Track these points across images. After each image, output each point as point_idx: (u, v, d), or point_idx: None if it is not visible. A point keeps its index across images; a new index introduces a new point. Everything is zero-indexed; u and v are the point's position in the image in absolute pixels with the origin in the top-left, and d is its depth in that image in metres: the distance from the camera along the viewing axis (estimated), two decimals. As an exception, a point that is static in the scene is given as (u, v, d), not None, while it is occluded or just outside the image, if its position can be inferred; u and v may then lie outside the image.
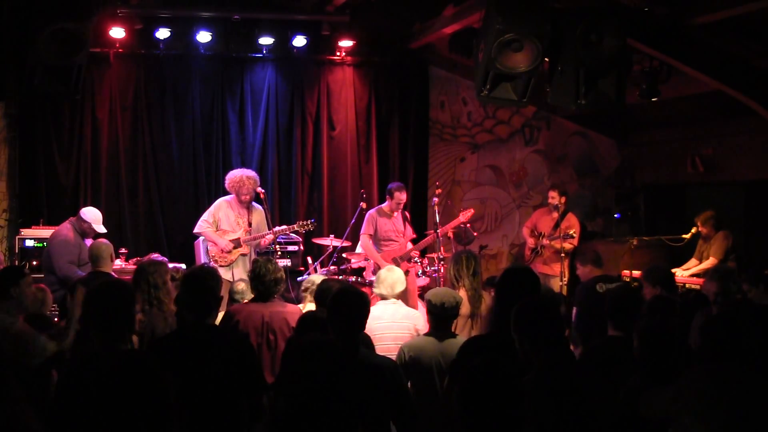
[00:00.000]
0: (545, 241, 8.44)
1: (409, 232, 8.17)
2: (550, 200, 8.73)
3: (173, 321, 4.67)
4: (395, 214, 8.05)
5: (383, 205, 8.11)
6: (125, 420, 2.48)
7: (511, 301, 3.46)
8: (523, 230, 9.08)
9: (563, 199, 8.62)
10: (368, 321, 4.95)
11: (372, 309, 5.23)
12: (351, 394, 2.84)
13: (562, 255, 8.25)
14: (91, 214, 7.11)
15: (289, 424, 2.77)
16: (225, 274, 7.24)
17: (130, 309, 3.44)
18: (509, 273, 3.95)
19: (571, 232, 8.17)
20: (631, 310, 4.17)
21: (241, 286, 5.85)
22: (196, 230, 7.77)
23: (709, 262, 7.68)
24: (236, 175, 7.70)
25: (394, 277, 5.27)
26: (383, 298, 5.22)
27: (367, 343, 4.55)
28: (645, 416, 2.97)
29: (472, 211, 8.40)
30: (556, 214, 8.58)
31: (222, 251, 7.55)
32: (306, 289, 5.50)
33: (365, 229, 8.03)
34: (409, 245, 8.09)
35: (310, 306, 5.33)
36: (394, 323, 5.01)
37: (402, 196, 7.92)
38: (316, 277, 5.61)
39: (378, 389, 3.52)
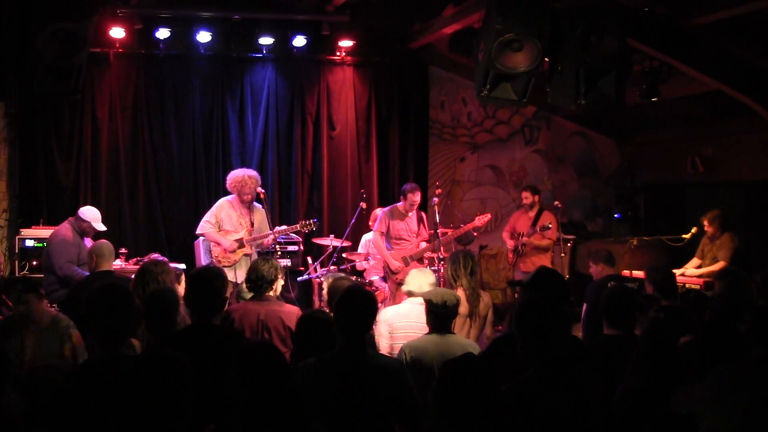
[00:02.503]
0: (525, 239, 8.45)
1: (423, 233, 8.17)
2: (524, 200, 8.75)
3: (181, 320, 4.67)
4: (410, 214, 8.06)
5: (398, 204, 8.11)
6: (127, 427, 2.47)
7: None
8: (503, 235, 9.02)
9: (537, 198, 8.65)
10: (393, 317, 5.01)
11: (398, 306, 5.27)
12: (291, 398, 2.76)
13: (562, 255, 8.26)
14: (90, 213, 7.11)
15: None
16: (228, 274, 7.16)
17: (129, 311, 3.35)
18: (541, 273, 3.96)
19: (548, 224, 8.19)
20: (625, 309, 4.17)
21: (244, 286, 5.84)
22: (198, 231, 7.72)
23: (719, 265, 7.67)
24: (238, 174, 7.67)
25: (425, 278, 5.28)
26: (410, 295, 5.22)
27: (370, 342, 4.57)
28: (677, 413, 2.99)
29: (489, 215, 8.41)
30: (532, 213, 8.61)
31: (226, 252, 7.52)
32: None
33: (378, 226, 8.05)
34: (423, 245, 8.09)
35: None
36: (419, 323, 5.00)
37: (415, 197, 7.93)
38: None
39: (384, 390, 3.51)
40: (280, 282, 5.04)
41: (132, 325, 3.43)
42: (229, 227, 7.59)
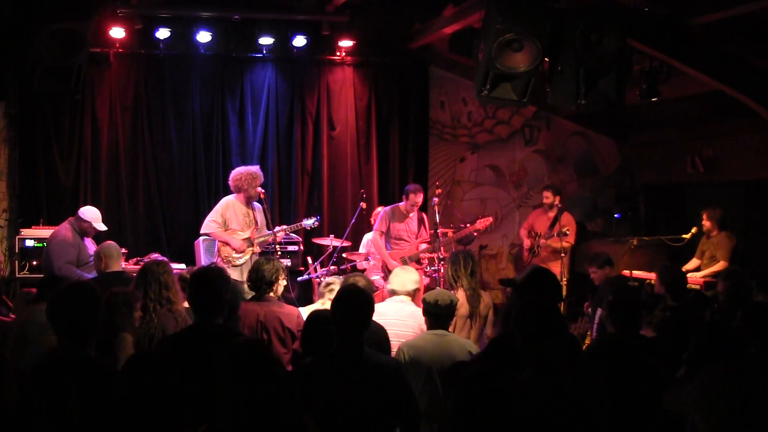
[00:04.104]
0: (542, 241, 8.45)
1: (424, 234, 8.17)
2: (544, 200, 8.77)
3: (182, 321, 4.67)
4: (411, 215, 8.06)
5: (400, 204, 8.11)
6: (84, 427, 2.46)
7: None
8: (521, 232, 9.10)
9: (558, 199, 8.63)
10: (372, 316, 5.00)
11: (378, 305, 5.27)
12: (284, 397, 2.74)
13: (562, 255, 8.25)
14: (90, 213, 7.11)
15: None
16: (234, 274, 7.08)
17: (94, 312, 3.33)
18: (534, 273, 3.95)
19: (565, 230, 8.18)
20: (630, 308, 4.18)
21: (246, 286, 5.83)
22: (204, 230, 7.66)
23: (720, 265, 7.69)
24: (244, 170, 7.61)
25: (408, 276, 5.30)
26: (393, 293, 5.22)
27: (382, 337, 4.59)
28: (668, 411, 3.00)
29: (491, 219, 8.41)
30: (551, 214, 8.60)
31: (237, 251, 7.50)
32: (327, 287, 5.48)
33: (378, 226, 8.05)
34: (422, 246, 8.09)
35: (326, 304, 5.34)
36: (398, 320, 5.02)
37: (417, 198, 7.93)
38: (337, 279, 5.60)
39: (381, 389, 3.51)
40: (282, 284, 5.03)
41: (97, 325, 3.39)
42: (236, 226, 7.57)
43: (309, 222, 7.94)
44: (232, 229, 7.56)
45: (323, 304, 5.36)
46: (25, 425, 2.86)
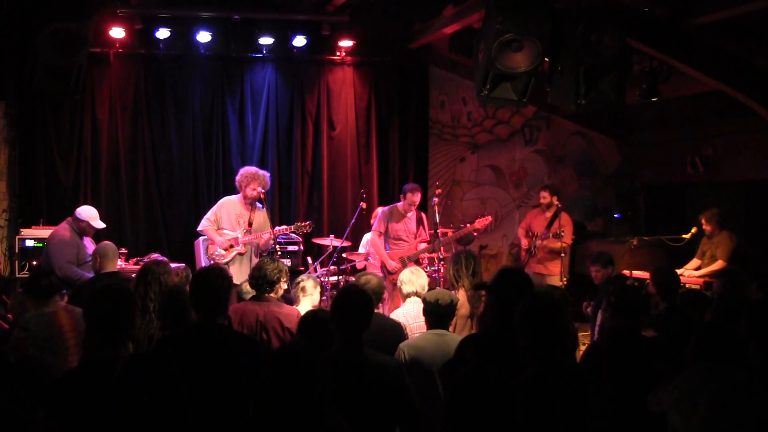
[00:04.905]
0: (538, 242, 8.44)
1: (423, 234, 8.16)
2: (541, 200, 8.74)
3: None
4: (409, 214, 8.06)
5: (398, 204, 8.11)
6: (130, 427, 2.48)
7: (506, 300, 3.48)
8: (518, 231, 9.09)
9: (555, 199, 8.61)
10: (407, 319, 5.01)
11: (405, 308, 5.27)
12: (321, 396, 2.76)
13: (562, 255, 8.25)
14: (87, 212, 7.11)
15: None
16: None
17: (131, 312, 3.39)
18: (504, 273, 3.94)
19: (560, 231, 8.16)
20: (632, 302, 4.20)
21: (248, 286, 5.83)
22: (199, 228, 7.73)
23: (718, 264, 7.69)
24: (251, 169, 7.62)
25: (425, 277, 5.36)
26: (416, 295, 5.23)
27: (399, 333, 4.64)
28: (650, 411, 3.01)
29: (490, 218, 8.39)
30: (548, 214, 8.59)
31: (220, 248, 7.52)
32: (298, 285, 5.47)
33: (377, 226, 8.05)
34: (422, 246, 8.09)
35: (304, 304, 5.33)
36: None
37: (415, 198, 7.93)
38: (306, 276, 5.61)
39: (381, 389, 3.51)
40: (283, 286, 5.05)
41: (133, 326, 3.45)
42: (227, 226, 7.59)
43: (302, 225, 7.82)
44: (222, 227, 7.59)
45: (298, 305, 5.35)
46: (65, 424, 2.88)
